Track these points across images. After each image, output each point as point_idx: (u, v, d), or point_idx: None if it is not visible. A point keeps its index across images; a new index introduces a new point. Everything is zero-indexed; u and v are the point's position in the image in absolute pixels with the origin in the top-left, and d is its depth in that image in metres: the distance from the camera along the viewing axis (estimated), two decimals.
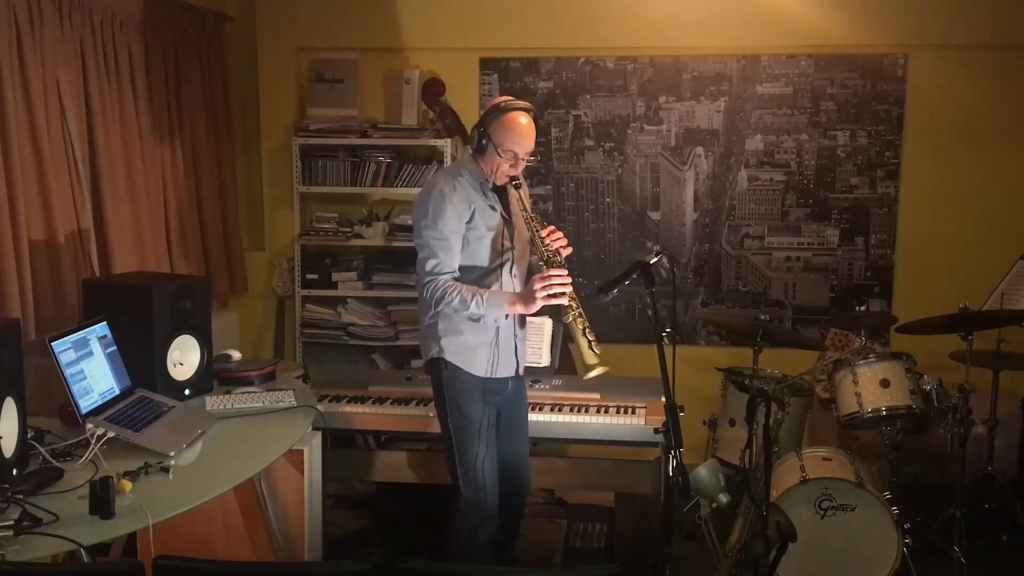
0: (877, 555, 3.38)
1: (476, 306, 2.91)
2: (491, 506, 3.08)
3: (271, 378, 3.51)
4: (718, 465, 2.85)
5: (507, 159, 2.97)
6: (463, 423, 3.06)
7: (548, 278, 2.85)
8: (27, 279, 3.23)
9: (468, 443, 3.06)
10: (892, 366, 3.68)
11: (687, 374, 3.20)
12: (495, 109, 3.01)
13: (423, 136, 4.69)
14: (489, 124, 2.99)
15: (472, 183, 3.03)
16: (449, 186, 2.99)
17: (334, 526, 4.05)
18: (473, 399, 3.06)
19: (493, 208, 3.05)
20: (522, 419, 3.31)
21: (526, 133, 2.97)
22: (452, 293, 2.92)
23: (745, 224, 4.80)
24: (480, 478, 3.05)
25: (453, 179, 3.03)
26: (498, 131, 2.97)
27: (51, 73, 3.37)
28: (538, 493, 4.49)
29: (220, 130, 4.63)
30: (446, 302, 2.93)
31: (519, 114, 2.98)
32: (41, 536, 2.14)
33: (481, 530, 3.09)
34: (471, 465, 3.05)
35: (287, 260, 4.88)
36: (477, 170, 3.05)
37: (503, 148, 2.96)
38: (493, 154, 2.98)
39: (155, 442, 2.72)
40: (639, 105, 4.76)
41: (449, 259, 2.97)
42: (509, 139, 2.95)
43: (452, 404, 3.08)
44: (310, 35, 4.82)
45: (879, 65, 4.62)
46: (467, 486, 3.06)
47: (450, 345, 3.05)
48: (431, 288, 2.96)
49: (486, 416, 3.09)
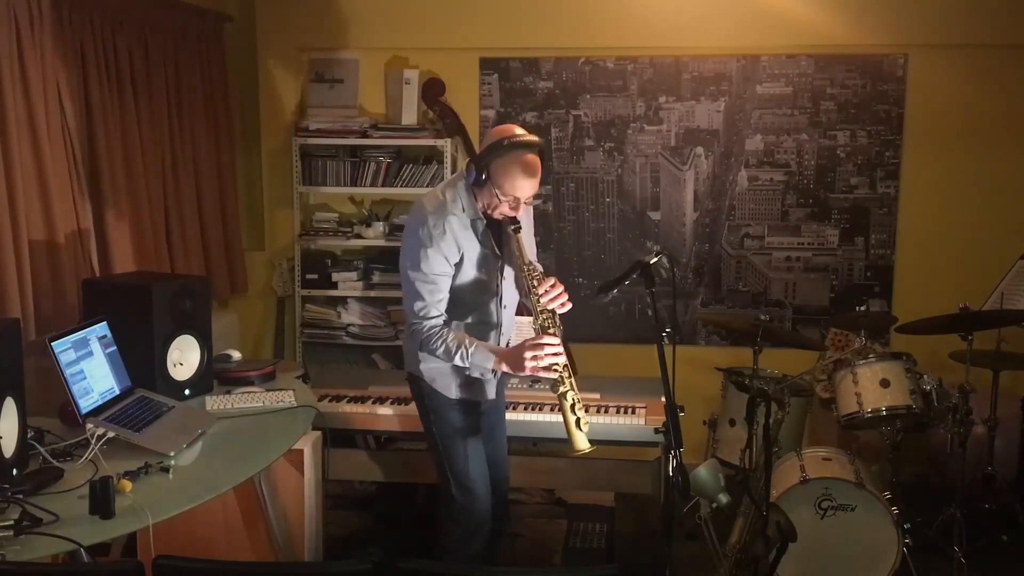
0: (877, 555, 3.38)
1: (460, 359, 2.79)
2: (484, 511, 3.03)
3: (271, 378, 3.51)
4: (718, 465, 2.86)
5: (507, 202, 2.76)
6: (449, 432, 3.00)
7: (540, 347, 2.70)
8: (27, 279, 3.23)
9: (456, 452, 3.00)
10: (892, 366, 3.68)
11: (687, 374, 3.20)
12: (499, 146, 2.73)
13: (423, 136, 4.69)
14: (491, 161, 2.73)
15: (464, 222, 2.82)
16: (438, 229, 2.77)
17: (334, 526, 4.05)
18: (455, 407, 3.00)
19: (485, 247, 2.89)
20: (501, 416, 3.24)
21: (532, 176, 2.73)
22: (437, 342, 2.80)
23: (745, 224, 4.80)
24: (472, 485, 3.00)
25: (443, 220, 2.79)
26: (500, 173, 2.72)
27: (51, 73, 3.36)
28: (538, 493, 4.49)
29: (220, 130, 4.63)
30: (431, 349, 2.83)
31: (525, 155, 2.73)
32: (41, 536, 2.14)
33: (475, 536, 3.04)
34: (462, 474, 3.00)
35: (287, 260, 4.88)
36: (472, 205, 2.83)
37: (504, 193, 2.73)
38: (492, 194, 2.76)
39: (155, 442, 2.72)
40: (639, 105, 4.76)
41: (436, 302, 2.83)
42: (511, 184, 2.71)
43: (435, 415, 3.02)
44: (310, 35, 4.82)
45: (879, 65, 4.62)
46: (460, 493, 3.00)
47: (428, 370, 2.98)
48: (417, 330, 2.85)
49: (473, 421, 3.03)
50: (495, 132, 2.83)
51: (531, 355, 2.71)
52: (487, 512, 3.04)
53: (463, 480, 3.00)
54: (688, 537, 3.94)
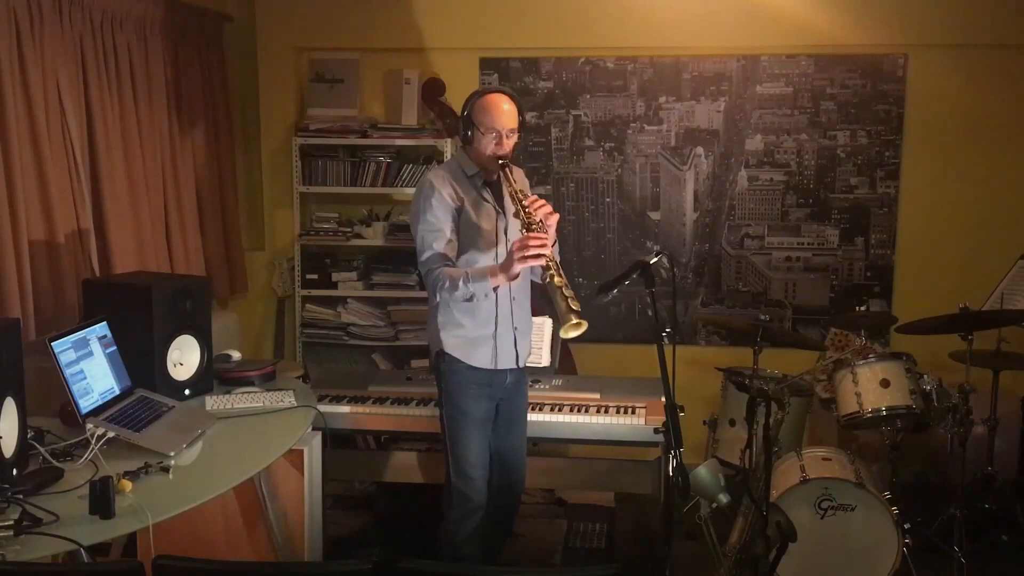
0: (877, 555, 3.37)
1: (464, 284, 2.92)
2: (478, 498, 3.14)
3: (271, 378, 3.51)
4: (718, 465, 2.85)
5: (491, 138, 3.01)
6: (456, 415, 3.13)
7: (525, 239, 2.83)
8: (27, 279, 3.23)
9: (460, 435, 3.13)
10: (892, 366, 3.67)
11: (687, 374, 3.21)
12: (472, 95, 3.09)
13: (423, 136, 4.69)
14: (471, 110, 3.06)
15: (463, 175, 3.09)
16: (438, 178, 3.06)
17: (334, 526, 4.05)
18: (469, 392, 3.12)
19: (486, 200, 3.10)
20: (520, 413, 3.32)
21: (502, 108, 3.02)
22: (444, 279, 2.96)
23: (745, 224, 4.80)
24: (469, 469, 3.13)
25: (443, 171, 3.11)
26: (478, 113, 3.04)
27: (51, 73, 3.36)
28: (538, 493, 4.49)
29: (220, 130, 4.63)
30: (439, 288, 2.97)
31: (494, 94, 3.06)
32: (41, 536, 2.14)
33: (467, 520, 3.15)
34: (461, 457, 3.13)
35: (287, 260, 4.88)
36: (469, 163, 3.11)
37: (484, 127, 3.02)
38: (479, 138, 3.04)
39: (155, 442, 2.72)
40: (639, 105, 4.76)
41: (441, 248, 3.00)
42: (488, 117, 3.01)
43: (447, 396, 3.15)
44: (310, 35, 4.82)
45: (879, 65, 4.62)
46: (456, 476, 3.14)
47: (449, 337, 3.11)
48: (428, 280, 3.02)
49: (482, 410, 3.14)
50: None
51: (518, 245, 2.82)
52: (482, 498, 3.16)
53: (461, 463, 3.13)
54: (688, 537, 3.93)
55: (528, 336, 3.27)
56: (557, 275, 2.81)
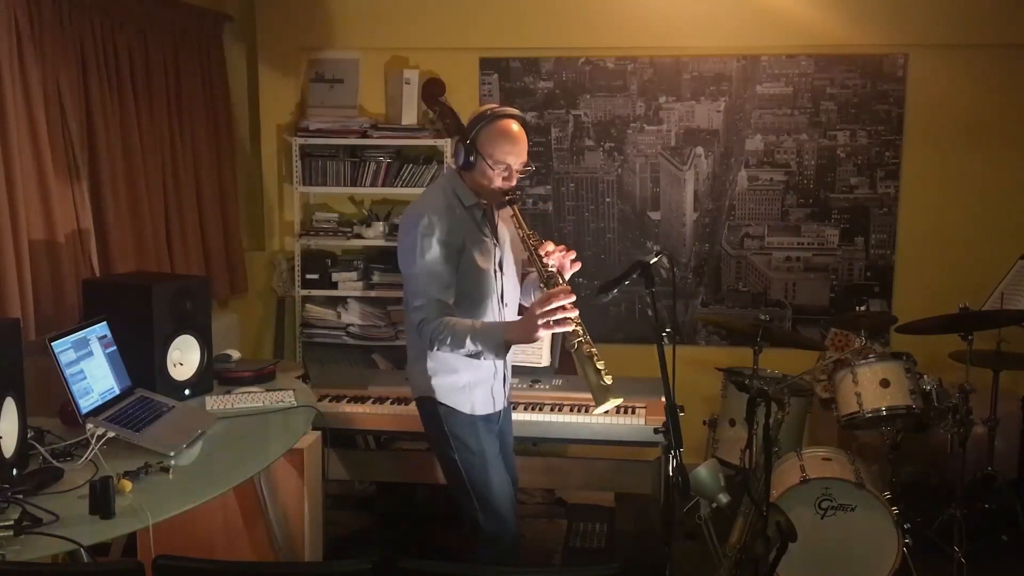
0: (877, 555, 3.38)
1: (472, 343, 2.59)
2: (514, 534, 2.88)
3: (271, 378, 3.51)
4: (718, 465, 2.85)
5: (500, 172, 2.68)
6: (471, 457, 2.82)
7: (548, 302, 2.50)
8: (27, 279, 3.23)
9: (482, 477, 2.83)
10: (892, 366, 3.68)
11: (687, 374, 3.19)
12: (482, 118, 2.69)
13: (423, 136, 4.70)
14: (477, 135, 2.68)
15: (461, 211, 2.73)
16: (437, 214, 2.68)
17: (334, 526, 4.05)
18: (475, 430, 2.84)
19: (484, 235, 2.78)
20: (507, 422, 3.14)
21: (520, 141, 2.68)
22: (445, 333, 2.61)
23: (745, 224, 4.80)
24: (499, 509, 2.84)
25: (439, 203, 2.71)
26: (488, 141, 2.66)
27: (51, 73, 3.36)
28: (538, 493, 4.49)
29: (220, 130, 4.63)
30: (439, 342, 2.63)
31: (510, 121, 2.69)
32: (41, 536, 2.14)
33: (508, 556, 2.87)
34: (488, 499, 2.82)
35: (287, 260, 4.89)
36: (465, 191, 2.74)
37: (495, 160, 2.65)
38: (484, 169, 2.68)
39: (155, 442, 2.72)
40: (639, 105, 4.76)
41: (440, 295, 2.66)
42: (501, 149, 2.65)
43: (455, 439, 2.83)
44: (310, 35, 4.82)
45: (879, 65, 4.62)
46: (487, 518, 2.82)
47: (441, 387, 2.82)
48: (424, 329, 2.66)
49: (495, 446, 2.90)
50: (475, 111, 2.78)
51: (540, 311, 2.49)
52: (516, 533, 2.90)
53: (490, 507, 2.83)
54: (688, 537, 3.93)
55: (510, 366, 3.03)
56: (586, 343, 2.52)
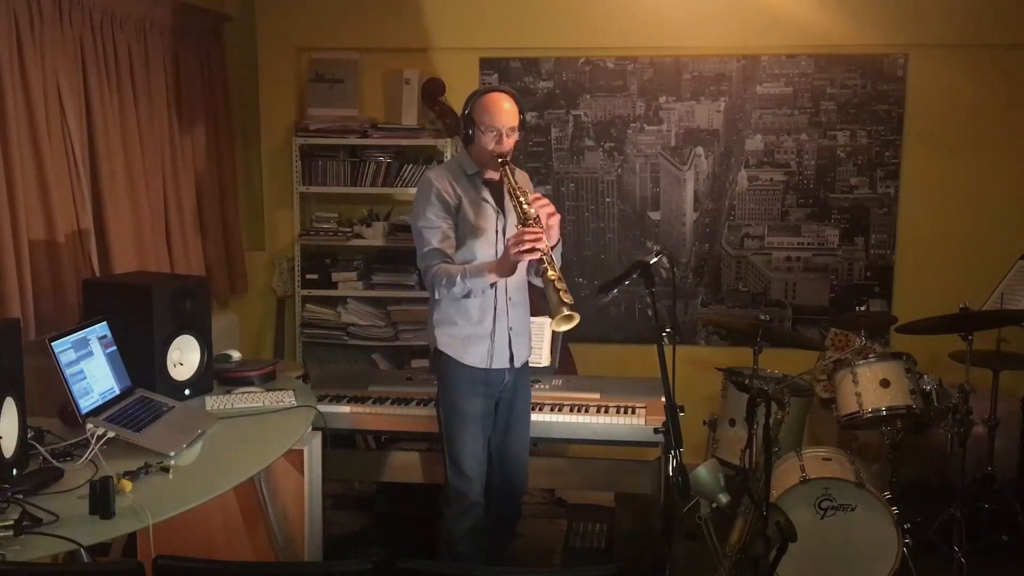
0: (877, 555, 3.38)
1: (461, 280, 2.95)
2: (474, 496, 3.15)
3: (271, 378, 3.51)
4: (718, 465, 2.85)
5: (491, 136, 3.02)
6: (452, 412, 3.15)
7: (519, 236, 2.83)
8: (27, 279, 3.23)
9: (455, 432, 3.14)
10: (892, 366, 3.67)
11: (687, 374, 3.20)
12: (473, 94, 3.11)
13: (423, 136, 4.70)
14: (470, 110, 3.07)
15: (463, 174, 3.11)
16: (437, 176, 3.09)
17: (334, 526, 4.04)
18: (464, 390, 3.12)
19: (485, 200, 3.10)
20: (521, 414, 3.30)
21: (502, 106, 3.03)
22: (441, 275, 2.98)
23: (745, 224, 4.80)
24: (464, 467, 3.13)
25: (443, 169, 3.16)
26: (478, 111, 3.05)
27: (51, 73, 3.36)
28: (538, 493, 4.49)
29: (220, 130, 4.63)
30: (437, 285, 2.99)
31: (494, 93, 3.07)
32: (41, 536, 2.14)
33: (464, 518, 3.16)
34: (457, 454, 3.14)
35: (287, 260, 4.89)
36: (469, 162, 3.12)
37: (484, 125, 3.03)
38: (479, 137, 3.05)
39: (155, 442, 2.72)
40: (639, 105, 4.76)
41: (439, 244, 3.02)
42: (488, 115, 3.02)
43: (443, 393, 3.17)
44: (310, 35, 4.82)
45: (879, 65, 4.62)
46: (453, 473, 3.16)
47: (443, 335, 3.13)
48: (427, 276, 3.05)
49: (478, 408, 3.14)
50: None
51: (513, 243, 2.82)
52: (478, 496, 3.16)
53: (456, 460, 3.14)
54: (688, 537, 3.93)
55: (525, 338, 3.26)
56: (551, 268, 2.81)
